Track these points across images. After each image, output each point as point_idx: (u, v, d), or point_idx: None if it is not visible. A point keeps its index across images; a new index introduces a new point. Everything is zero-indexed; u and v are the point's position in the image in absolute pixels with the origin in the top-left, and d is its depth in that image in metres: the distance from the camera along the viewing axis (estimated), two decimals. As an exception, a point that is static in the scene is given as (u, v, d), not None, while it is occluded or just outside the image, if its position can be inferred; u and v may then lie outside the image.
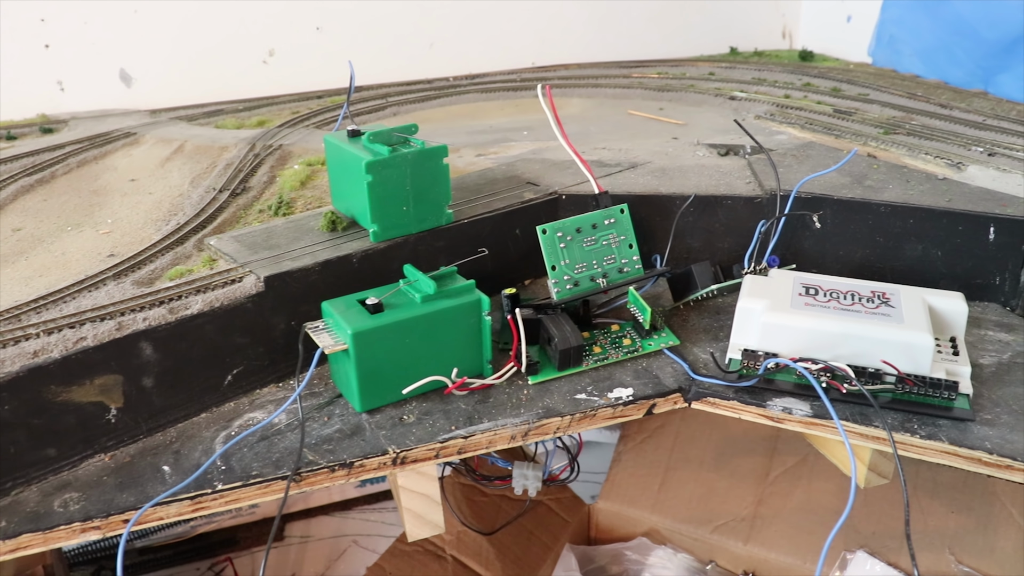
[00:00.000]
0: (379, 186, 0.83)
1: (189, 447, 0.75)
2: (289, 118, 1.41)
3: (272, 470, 0.71)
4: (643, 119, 1.38)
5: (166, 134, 1.32)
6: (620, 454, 1.33)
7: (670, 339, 0.86)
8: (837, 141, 1.21)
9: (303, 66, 1.62)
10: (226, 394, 0.80)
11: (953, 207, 0.94)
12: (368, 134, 0.85)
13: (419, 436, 0.74)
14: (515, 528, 1.23)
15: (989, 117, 1.34)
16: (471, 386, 0.79)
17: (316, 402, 0.80)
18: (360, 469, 0.72)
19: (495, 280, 0.93)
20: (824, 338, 0.78)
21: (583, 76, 1.67)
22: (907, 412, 0.77)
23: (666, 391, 0.80)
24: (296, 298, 0.82)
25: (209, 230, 0.94)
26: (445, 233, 0.90)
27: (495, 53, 1.76)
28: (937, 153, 1.14)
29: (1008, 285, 0.95)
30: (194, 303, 0.77)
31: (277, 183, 1.08)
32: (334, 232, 0.89)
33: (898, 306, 0.81)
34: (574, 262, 0.86)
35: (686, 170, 1.06)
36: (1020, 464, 0.71)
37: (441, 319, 0.77)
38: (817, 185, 0.98)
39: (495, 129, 1.32)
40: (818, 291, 0.83)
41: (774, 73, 1.67)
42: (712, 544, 1.23)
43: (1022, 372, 0.83)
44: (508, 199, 0.96)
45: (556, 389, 0.80)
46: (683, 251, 0.99)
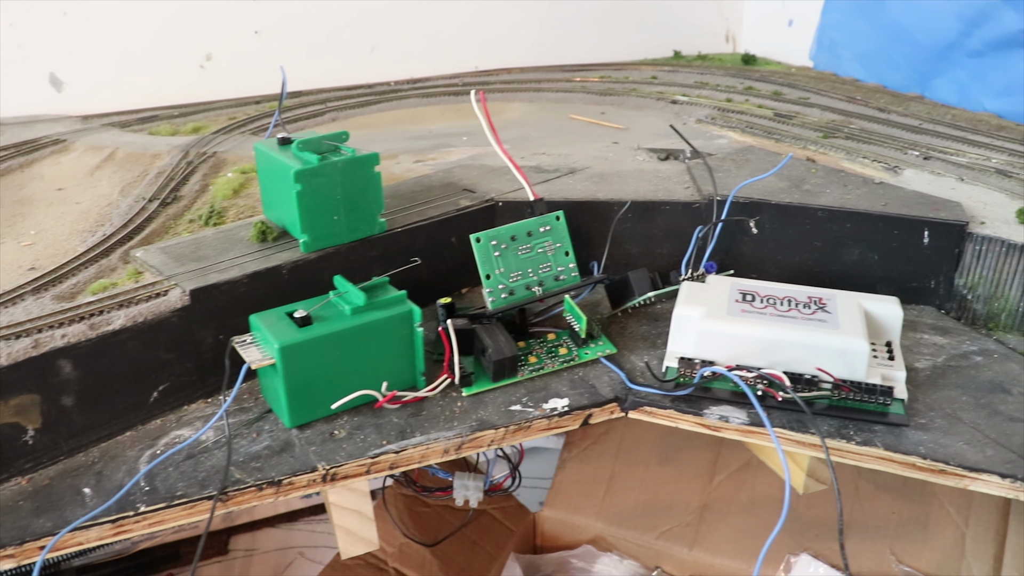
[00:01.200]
0: (309, 195, 0.81)
1: (112, 468, 0.72)
2: (225, 124, 1.38)
3: (198, 490, 0.69)
4: (584, 123, 1.37)
5: (97, 141, 1.28)
6: (565, 461, 1.33)
7: (607, 348, 0.85)
8: (777, 145, 1.22)
9: (241, 71, 1.59)
10: (152, 411, 0.78)
11: (889, 211, 0.95)
12: (297, 142, 0.83)
13: (350, 452, 0.73)
14: (459, 539, 1.21)
15: (925, 121, 1.36)
16: (403, 399, 0.77)
17: (245, 418, 0.78)
18: (289, 487, 0.71)
19: (432, 289, 0.91)
20: (760, 345, 0.78)
21: (525, 80, 1.66)
22: (843, 418, 0.77)
23: (602, 401, 0.79)
24: (224, 311, 0.80)
25: (136, 241, 0.92)
26: (379, 242, 0.88)
27: (438, 57, 1.75)
28: (875, 157, 1.15)
29: (943, 288, 0.95)
30: (116, 318, 0.75)
31: (210, 192, 1.06)
32: (264, 242, 0.87)
33: (834, 311, 0.81)
34: (509, 271, 0.85)
35: (625, 175, 1.05)
36: (952, 468, 0.72)
37: (371, 331, 0.75)
38: (755, 190, 0.98)
39: (435, 134, 1.30)
40: (755, 297, 0.82)
41: (716, 77, 1.67)
42: (658, 550, 1.23)
43: (956, 375, 0.84)
44: (444, 207, 0.95)
45: (491, 401, 0.79)
46: (622, 257, 0.99)
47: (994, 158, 1.17)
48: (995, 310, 0.93)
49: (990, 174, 1.09)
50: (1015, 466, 0.71)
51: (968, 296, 0.94)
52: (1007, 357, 0.87)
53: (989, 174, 1.09)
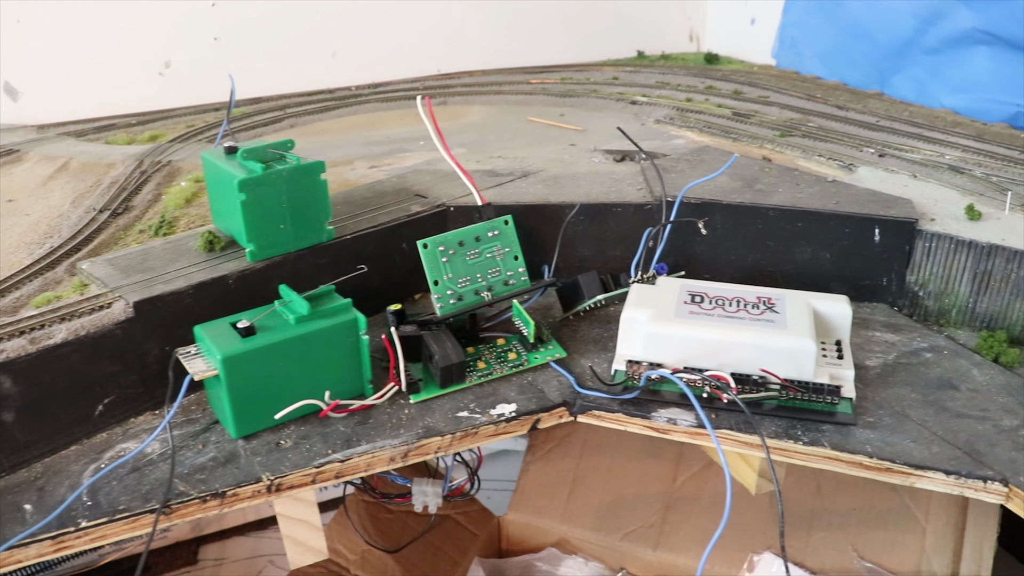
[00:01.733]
0: (253, 204, 0.81)
1: (55, 483, 0.71)
2: (183, 132, 1.37)
3: (141, 503, 0.69)
4: (544, 126, 1.37)
5: (51, 151, 1.27)
6: (528, 464, 1.32)
7: (557, 352, 0.85)
8: (734, 144, 1.22)
9: (201, 78, 1.57)
10: (98, 424, 0.77)
11: (840, 209, 0.95)
12: (242, 151, 0.83)
13: (295, 461, 0.72)
14: (422, 544, 1.21)
15: (883, 118, 1.37)
16: (349, 408, 0.77)
17: (192, 429, 0.77)
18: (233, 498, 0.70)
19: (384, 296, 0.91)
20: (708, 347, 0.78)
21: (486, 83, 1.66)
22: (791, 418, 0.77)
23: (550, 405, 0.79)
24: (169, 323, 0.79)
25: (84, 253, 0.91)
26: (327, 250, 0.88)
27: (400, 61, 1.74)
28: (830, 155, 1.16)
29: (895, 286, 0.96)
30: (58, 332, 0.74)
31: (162, 201, 1.05)
32: (212, 252, 0.86)
33: (783, 311, 0.81)
34: (457, 276, 0.85)
35: (578, 178, 1.05)
36: (898, 467, 0.72)
37: (316, 340, 0.75)
38: (706, 190, 0.98)
39: (392, 139, 1.30)
40: (704, 298, 0.83)
41: (678, 76, 1.67)
42: (622, 551, 1.23)
43: (905, 372, 0.84)
44: (395, 212, 0.95)
45: (438, 407, 0.79)
46: (575, 260, 0.99)
47: (948, 154, 1.17)
48: (946, 306, 0.93)
49: (943, 170, 1.10)
50: (960, 463, 0.72)
51: (919, 293, 0.95)
52: (956, 353, 0.87)
53: (942, 170, 1.10)
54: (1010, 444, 0.74)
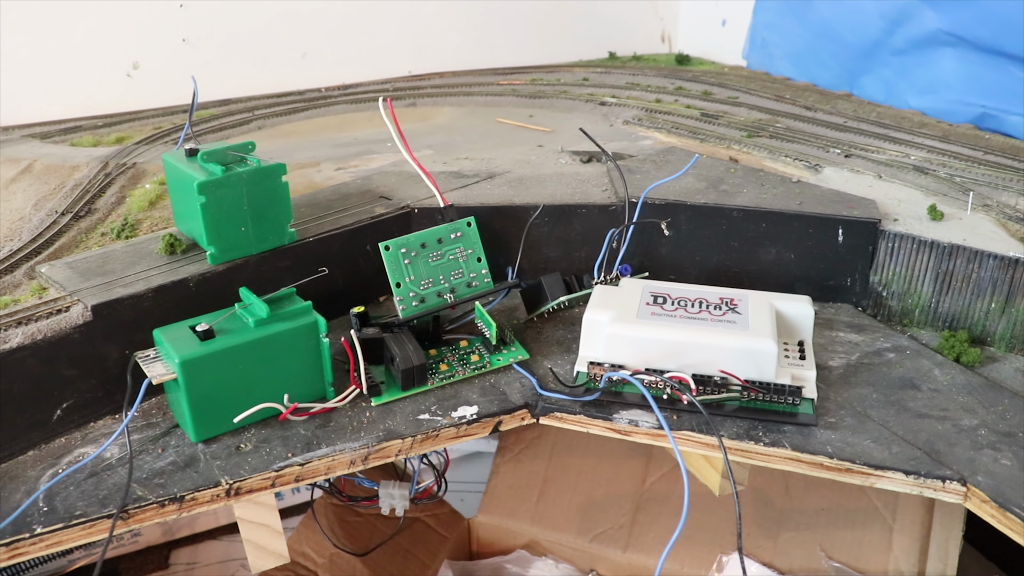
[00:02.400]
0: (213, 206, 0.80)
1: (10, 489, 0.70)
2: (150, 134, 1.36)
3: (98, 508, 0.68)
4: (512, 127, 1.37)
5: (15, 153, 1.26)
6: (498, 466, 1.32)
7: (520, 353, 0.85)
8: (701, 145, 1.22)
9: (169, 79, 1.56)
10: (56, 429, 0.76)
11: (804, 210, 0.95)
12: (202, 153, 0.82)
13: (254, 465, 0.72)
14: (391, 547, 1.21)
15: (850, 119, 1.37)
16: (309, 411, 0.77)
17: (152, 433, 0.77)
18: (192, 503, 0.70)
19: (348, 298, 0.91)
20: (669, 348, 0.78)
21: (456, 84, 1.65)
22: (753, 419, 0.77)
23: (512, 407, 0.79)
24: (129, 326, 0.78)
25: (43, 257, 0.90)
26: (290, 252, 0.87)
27: (370, 62, 1.73)
28: (796, 155, 1.16)
29: (859, 286, 0.96)
30: (14, 336, 0.73)
31: (125, 204, 1.04)
32: (173, 255, 0.86)
33: (745, 312, 0.81)
34: (420, 278, 0.85)
35: (544, 179, 1.05)
36: (858, 467, 0.72)
37: (276, 343, 0.74)
38: (671, 191, 0.99)
39: (360, 141, 1.29)
40: (666, 299, 0.83)
41: (648, 77, 1.68)
42: (592, 553, 1.23)
43: (868, 373, 0.85)
44: (359, 214, 0.94)
45: (399, 410, 0.78)
46: (540, 262, 0.98)
47: (913, 155, 1.18)
48: (909, 306, 0.94)
49: (908, 171, 1.11)
50: (919, 463, 0.72)
51: (883, 293, 0.95)
52: (919, 353, 0.88)
53: (907, 171, 1.11)
54: (969, 444, 0.74)
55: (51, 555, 1.35)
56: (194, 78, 0.97)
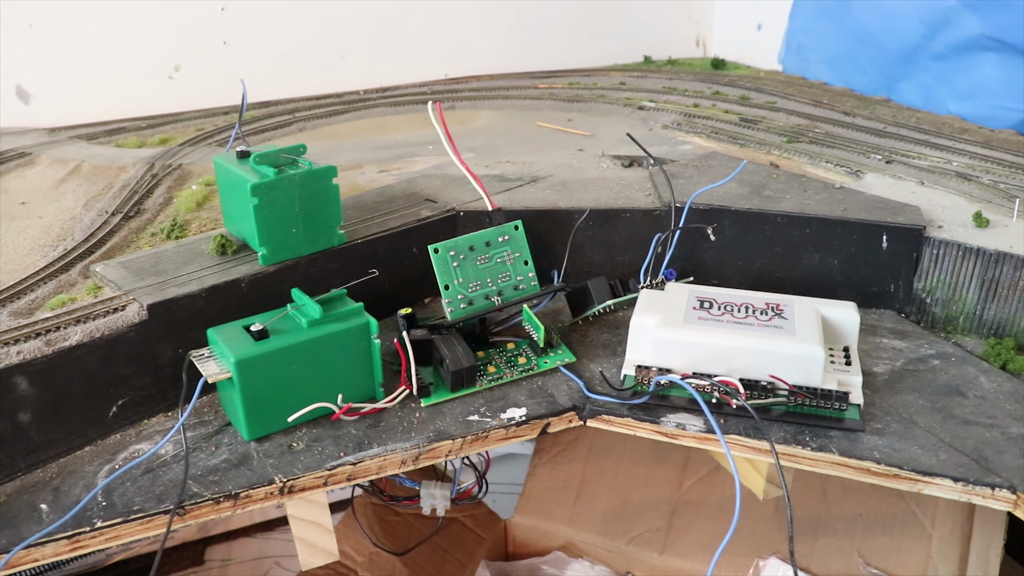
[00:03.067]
0: (266, 208, 0.82)
1: (70, 483, 0.72)
2: (193, 135, 1.38)
3: (155, 504, 0.69)
4: (551, 131, 1.38)
5: (63, 154, 1.28)
6: (535, 468, 1.33)
7: (566, 356, 0.86)
8: (741, 150, 1.23)
9: (210, 81, 1.58)
10: (111, 426, 0.78)
11: (848, 216, 0.96)
12: (255, 155, 0.83)
13: (307, 464, 0.73)
14: (429, 547, 1.22)
15: (890, 124, 1.37)
16: (361, 411, 0.78)
17: (205, 431, 0.78)
18: (246, 500, 0.71)
19: (394, 299, 0.92)
20: (716, 352, 0.78)
21: (494, 88, 1.66)
22: (799, 424, 0.77)
23: (560, 410, 0.80)
24: (183, 325, 0.80)
25: (97, 256, 0.92)
26: (338, 254, 0.88)
27: (407, 65, 1.75)
28: (837, 161, 1.16)
29: (902, 292, 0.96)
30: (73, 334, 0.75)
31: (173, 205, 1.06)
32: (224, 256, 0.87)
33: (791, 318, 0.81)
34: (468, 281, 0.86)
35: (587, 183, 1.06)
36: (906, 473, 0.72)
37: (328, 344, 0.75)
38: (715, 196, 0.99)
39: (401, 144, 1.30)
40: (712, 304, 0.83)
41: (685, 82, 1.68)
42: (628, 555, 1.23)
43: (913, 379, 0.85)
44: (405, 217, 0.95)
45: (449, 411, 0.79)
46: (584, 265, 0.99)
47: (955, 161, 1.18)
48: (953, 313, 0.94)
49: (950, 177, 1.10)
50: (967, 470, 0.72)
51: (927, 300, 0.95)
52: (964, 360, 0.88)
53: (949, 177, 1.10)
54: (1018, 451, 0.74)
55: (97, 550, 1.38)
56: (243, 81, 0.99)
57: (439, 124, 0.87)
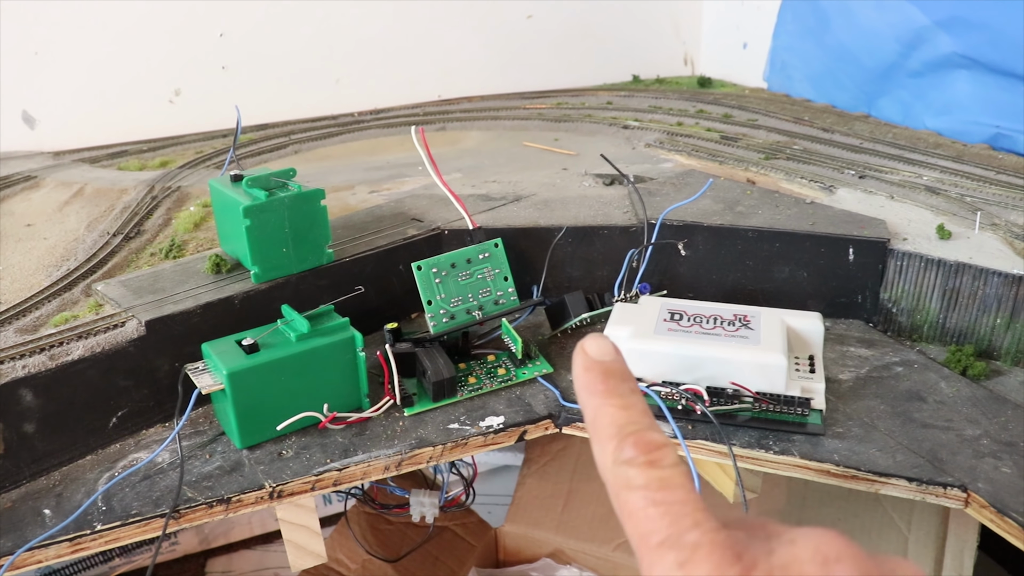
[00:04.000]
0: (257, 229, 0.86)
1: (72, 490, 0.76)
2: (192, 158, 1.43)
3: (152, 508, 0.73)
4: (537, 150, 1.42)
5: (67, 177, 1.33)
6: (524, 477, 1.37)
7: (544, 367, 0.90)
8: (720, 168, 1.27)
9: (209, 105, 1.63)
10: (112, 436, 0.82)
11: (816, 230, 1.00)
12: (247, 179, 0.88)
13: (295, 470, 0.77)
14: (421, 555, 1.25)
15: (866, 140, 1.41)
16: (347, 420, 0.82)
17: (200, 440, 0.82)
18: (238, 504, 0.75)
19: (381, 315, 0.96)
20: (684, 362, 0.82)
21: (484, 109, 1.71)
22: (764, 429, 0.81)
23: (536, 418, 0.84)
24: (179, 340, 0.84)
25: (98, 275, 0.96)
26: (327, 272, 0.93)
27: (401, 88, 1.80)
28: (812, 176, 1.20)
29: (869, 303, 1.00)
30: (75, 349, 0.79)
31: (172, 226, 1.11)
32: (219, 274, 0.91)
33: (757, 328, 0.85)
34: (450, 296, 0.90)
35: (568, 201, 1.10)
36: (863, 474, 0.76)
37: (315, 356, 0.79)
38: (688, 212, 1.03)
39: (392, 165, 1.35)
40: (683, 316, 0.87)
41: (670, 100, 1.73)
42: (615, 562, 1.27)
43: (876, 385, 0.88)
44: (392, 236, 1.00)
45: (431, 420, 0.84)
46: (564, 280, 1.03)
47: (926, 175, 1.22)
48: (918, 322, 0.98)
49: (919, 191, 1.14)
50: (922, 470, 0.76)
51: (892, 309, 0.99)
52: (926, 367, 0.92)
53: (919, 191, 1.14)
54: (971, 452, 0.78)
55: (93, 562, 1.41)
56: (238, 107, 1.03)
57: (422, 147, 0.91)
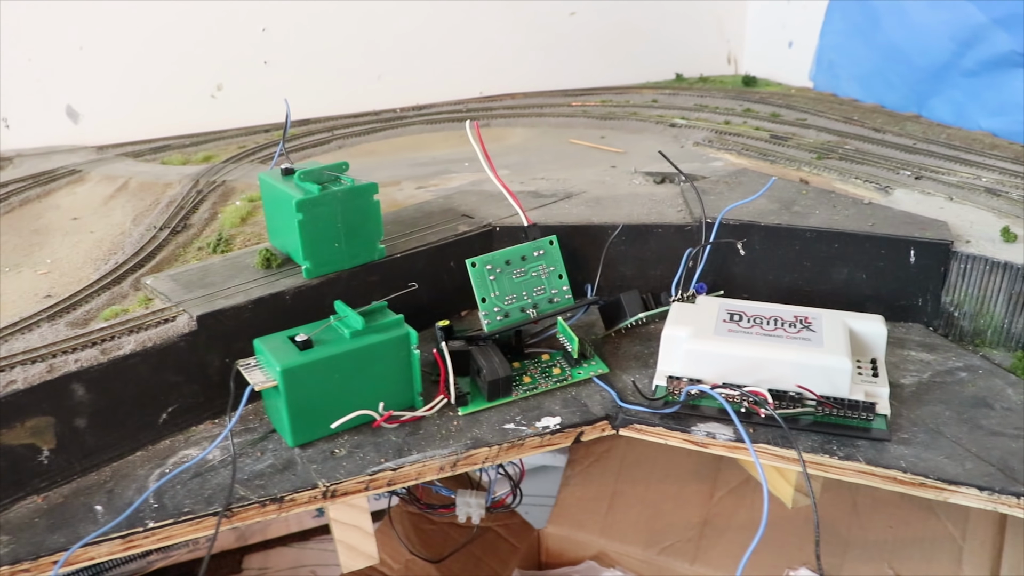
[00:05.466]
0: (310, 224, 0.85)
1: (123, 486, 0.75)
2: (235, 153, 1.42)
3: (204, 506, 0.72)
4: (584, 148, 1.41)
5: (111, 171, 1.33)
6: (568, 478, 1.35)
7: (599, 367, 0.88)
8: (771, 167, 1.24)
9: (251, 100, 1.63)
10: (161, 432, 0.81)
11: (876, 231, 0.97)
12: (299, 172, 0.86)
13: (349, 469, 0.76)
14: (464, 555, 1.24)
15: (920, 141, 1.38)
16: (400, 419, 0.80)
17: (250, 437, 0.81)
18: (291, 503, 0.74)
19: (431, 312, 0.94)
20: (745, 363, 0.80)
21: (528, 105, 1.69)
22: (827, 434, 0.79)
23: (593, 419, 0.82)
24: (230, 335, 0.83)
25: (147, 269, 0.95)
26: (379, 267, 0.91)
27: (443, 84, 1.78)
28: (867, 177, 1.18)
29: (930, 306, 0.97)
30: (127, 343, 0.78)
31: (218, 220, 1.10)
32: (269, 269, 0.90)
33: (819, 330, 0.83)
34: (504, 294, 0.88)
35: (620, 199, 1.08)
36: (932, 481, 0.74)
37: (370, 354, 0.78)
38: (745, 212, 1.01)
39: (437, 161, 1.33)
40: (742, 317, 0.85)
41: (716, 99, 1.70)
42: (660, 565, 1.25)
43: (940, 391, 0.86)
44: (443, 232, 0.98)
45: (485, 420, 0.82)
46: (616, 279, 1.01)
47: (984, 177, 1.19)
48: (981, 327, 0.95)
49: (979, 192, 1.12)
50: (993, 479, 0.73)
51: (955, 313, 0.96)
52: (991, 373, 0.89)
53: (979, 193, 1.12)
54: (1043, 461, 0.76)
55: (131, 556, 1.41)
56: (287, 101, 1.02)
57: (476, 142, 0.90)
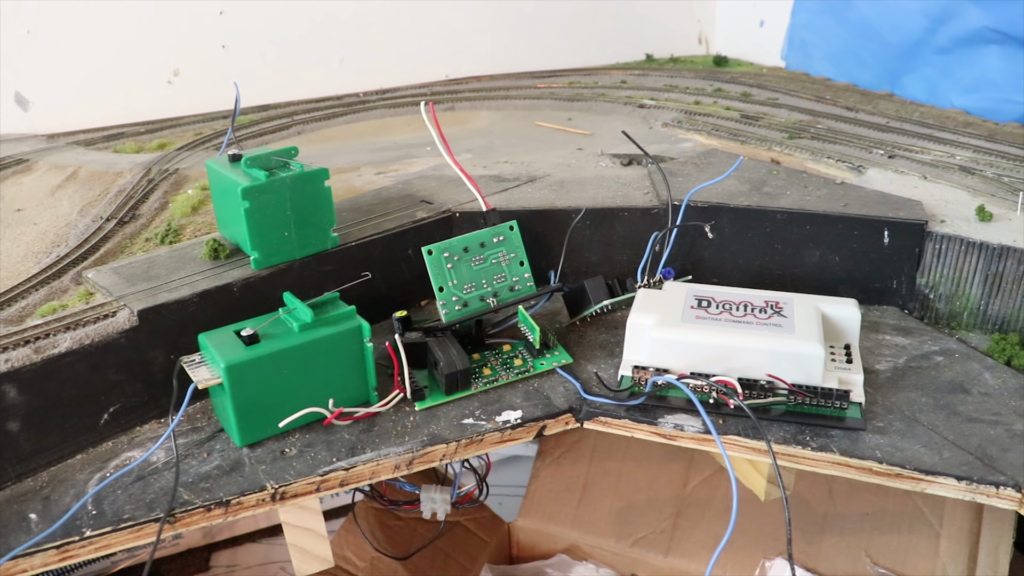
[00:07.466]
0: (257, 212, 0.81)
1: (60, 492, 0.71)
2: (191, 140, 1.37)
3: (145, 512, 0.68)
4: (550, 130, 1.37)
5: (60, 160, 1.28)
6: (538, 470, 1.32)
7: (563, 357, 0.84)
8: (742, 147, 1.21)
9: (209, 86, 1.57)
10: (103, 433, 0.77)
11: (849, 212, 0.94)
12: (246, 159, 0.82)
13: (299, 470, 0.72)
14: (432, 551, 1.21)
15: (893, 119, 1.36)
16: (354, 415, 0.77)
17: (197, 438, 0.77)
18: (238, 507, 0.70)
19: (390, 302, 0.91)
20: (714, 352, 0.77)
21: (494, 88, 1.65)
22: (800, 424, 0.76)
23: (556, 412, 0.79)
24: (174, 331, 0.79)
25: (90, 262, 0.91)
26: (332, 257, 0.88)
27: (407, 67, 1.74)
28: (839, 156, 1.15)
29: (905, 288, 0.95)
30: (63, 341, 0.74)
31: (169, 210, 1.05)
32: (217, 260, 0.86)
33: (790, 316, 0.80)
34: (462, 282, 0.85)
35: (585, 182, 1.05)
36: (908, 472, 0.71)
37: (320, 348, 0.74)
38: (714, 193, 0.98)
39: (399, 145, 1.29)
40: (711, 303, 0.82)
41: (686, 79, 1.67)
42: (633, 558, 1.22)
43: (916, 376, 0.83)
44: (400, 219, 0.94)
45: (443, 414, 0.78)
46: (582, 265, 0.98)
47: (958, 155, 1.16)
48: (957, 309, 0.92)
49: (953, 171, 1.09)
50: (971, 468, 0.71)
51: (930, 295, 0.94)
52: (968, 356, 0.86)
53: (952, 171, 1.09)
54: (1023, 448, 0.73)
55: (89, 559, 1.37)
56: (236, 84, 0.98)
57: (432, 124, 0.86)
